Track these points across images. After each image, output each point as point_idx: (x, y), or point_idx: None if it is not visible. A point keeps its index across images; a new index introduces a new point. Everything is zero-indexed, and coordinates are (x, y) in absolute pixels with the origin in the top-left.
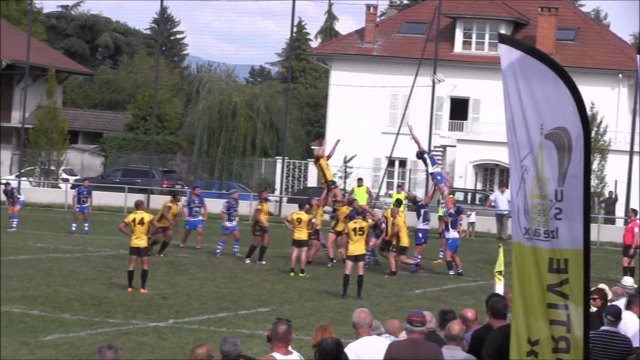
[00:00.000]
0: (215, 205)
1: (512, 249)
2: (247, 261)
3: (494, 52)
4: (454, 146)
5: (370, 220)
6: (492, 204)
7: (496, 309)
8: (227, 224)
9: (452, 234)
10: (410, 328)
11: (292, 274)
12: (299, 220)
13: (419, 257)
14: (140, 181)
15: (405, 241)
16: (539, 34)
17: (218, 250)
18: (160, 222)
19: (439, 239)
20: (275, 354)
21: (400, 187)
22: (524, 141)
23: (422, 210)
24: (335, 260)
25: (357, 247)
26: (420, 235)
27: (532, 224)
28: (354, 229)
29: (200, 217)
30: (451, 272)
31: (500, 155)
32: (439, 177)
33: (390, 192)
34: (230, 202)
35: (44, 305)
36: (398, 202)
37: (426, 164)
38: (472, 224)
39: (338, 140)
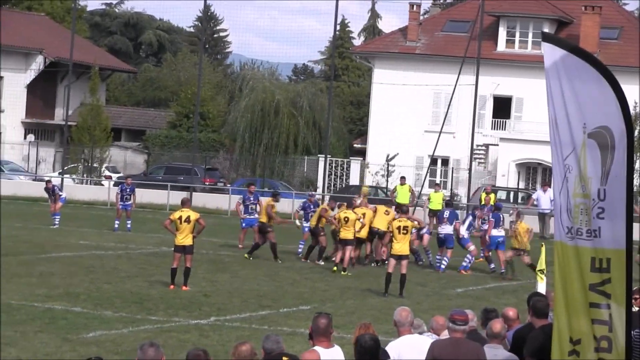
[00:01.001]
0: None
1: (555, 248)
2: (321, 262)
3: (537, 51)
4: (497, 145)
5: (415, 222)
6: (535, 202)
7: (538, 308)
8: (305, 223)
9: (497, 231)
10: (452, 327)
11: (334, 268)
12: (346, 219)
13: (447, 258)
14: (183, 179)
15: (359, 233)
16: (583, 32)
17: (300, 250)
18: (270, 222)
19: (481, 237)
20: (317, 348)
21: (438, 185)
22: (567, 140)
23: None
24: (379, 263)
25: (401, 246)
26: (464, 236)
27: (575, 223)
28: (398, 228)
29: (256, 215)
30: (492, 266)
31: (543, 154)
32: (464, 236)
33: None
34: (306, 203)
35: (85, 302)
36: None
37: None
38: (513, 222)
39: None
